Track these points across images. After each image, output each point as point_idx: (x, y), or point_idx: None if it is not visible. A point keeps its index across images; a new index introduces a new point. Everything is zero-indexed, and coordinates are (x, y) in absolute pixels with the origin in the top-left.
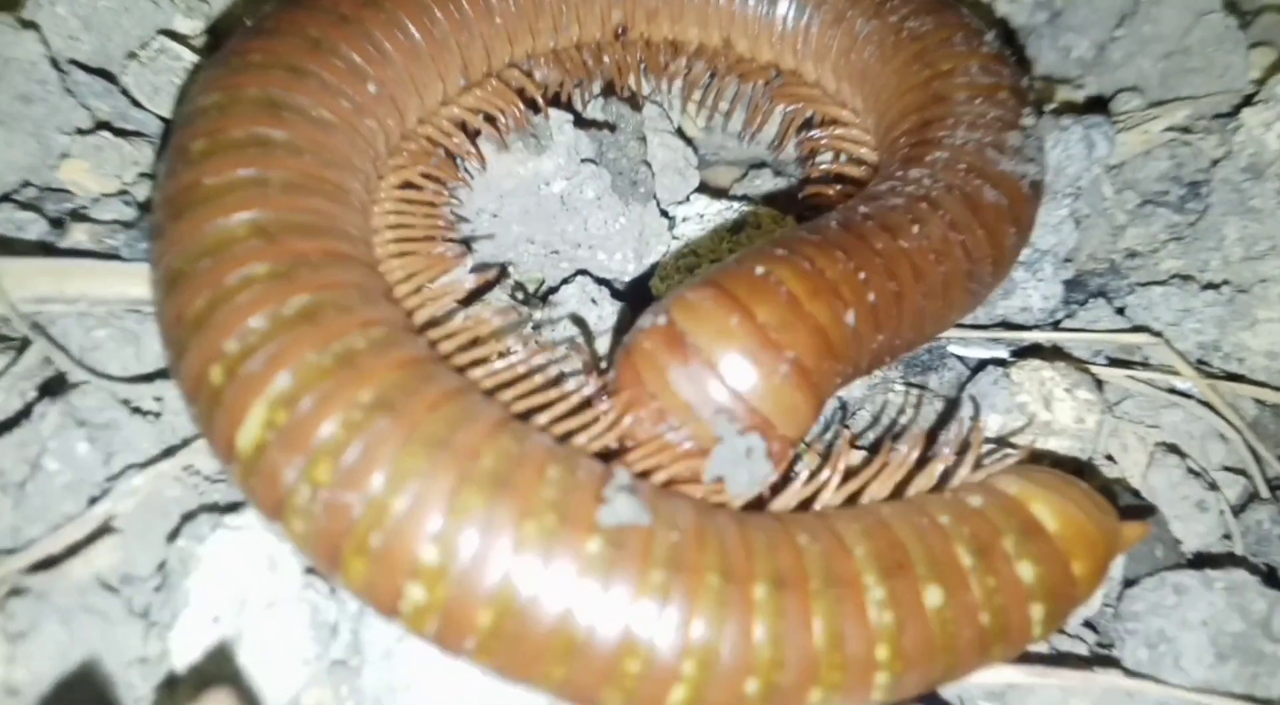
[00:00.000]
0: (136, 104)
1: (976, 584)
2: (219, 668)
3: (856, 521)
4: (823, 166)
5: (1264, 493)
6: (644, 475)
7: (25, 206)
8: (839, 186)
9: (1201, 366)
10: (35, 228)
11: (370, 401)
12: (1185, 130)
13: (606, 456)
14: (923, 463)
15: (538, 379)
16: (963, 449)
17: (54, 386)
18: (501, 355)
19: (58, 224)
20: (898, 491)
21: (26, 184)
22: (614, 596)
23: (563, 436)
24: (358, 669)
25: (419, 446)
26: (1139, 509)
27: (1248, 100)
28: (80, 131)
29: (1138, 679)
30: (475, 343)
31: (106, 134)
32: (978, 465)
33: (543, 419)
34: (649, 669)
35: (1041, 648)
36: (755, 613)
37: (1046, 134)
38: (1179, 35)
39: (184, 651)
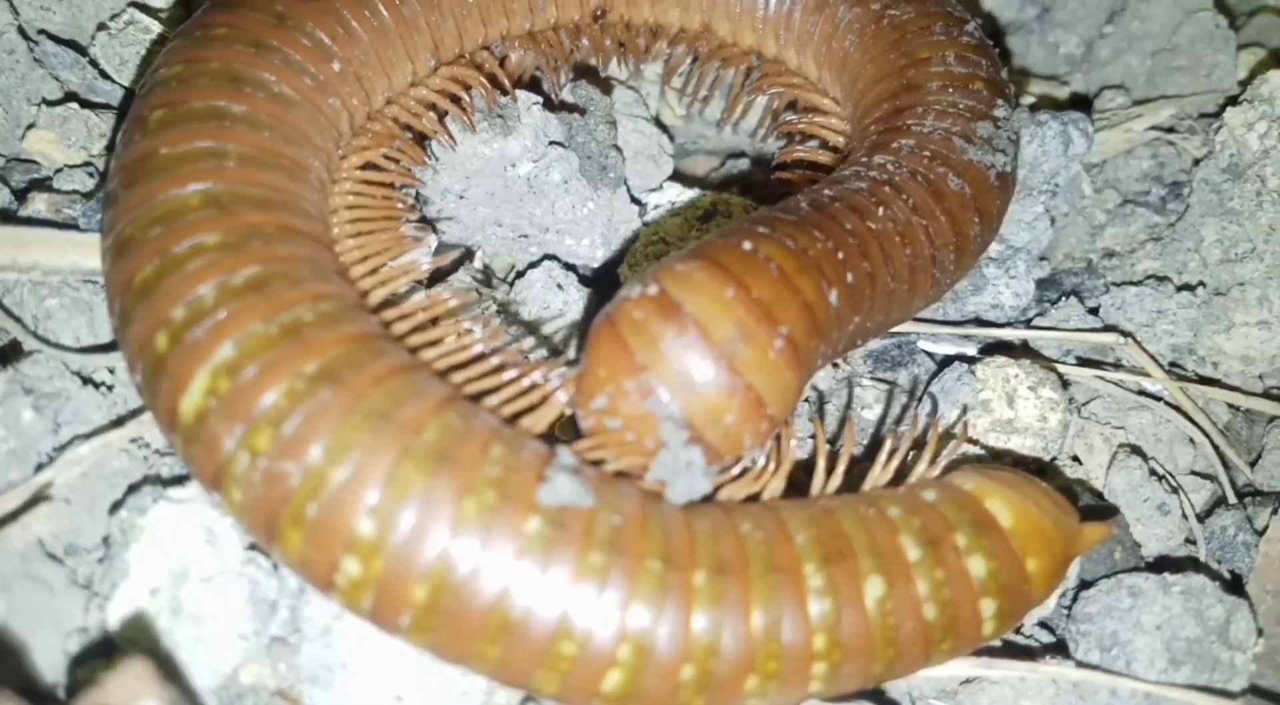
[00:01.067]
0: (105, 76)
1: (923, 577)
2: (155, 640)
3: (802, 510)
4: (797, 153)
5: (1231, 498)
6: (597, 464)
7: None
8: (810, 172)
9: (1175, 369)
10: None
11: (314, 372)
12: (1169, 130)
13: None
14: (878, 457)
15: (492, 361)
16: (920, 445)
17: (6, 354)
18: (456, 336)
19: (20, 195)
20: (853, 486)
21: None
22: (552, 577)
23: (512, 419)
24: (296, 646)
25: (360, 419)
26: (1100, 510)
27: (1233, 101)
28: (47, 102)
29: (1089, 670)
30: (432, 323)
31: (74, 106)
32: (934, 461)
33: (493, 401)
34: (584, 652)
35: (994, 645)
36: (694, 599)
37: (1023, 129)
38: (1168, 33)
39: (121, 623)
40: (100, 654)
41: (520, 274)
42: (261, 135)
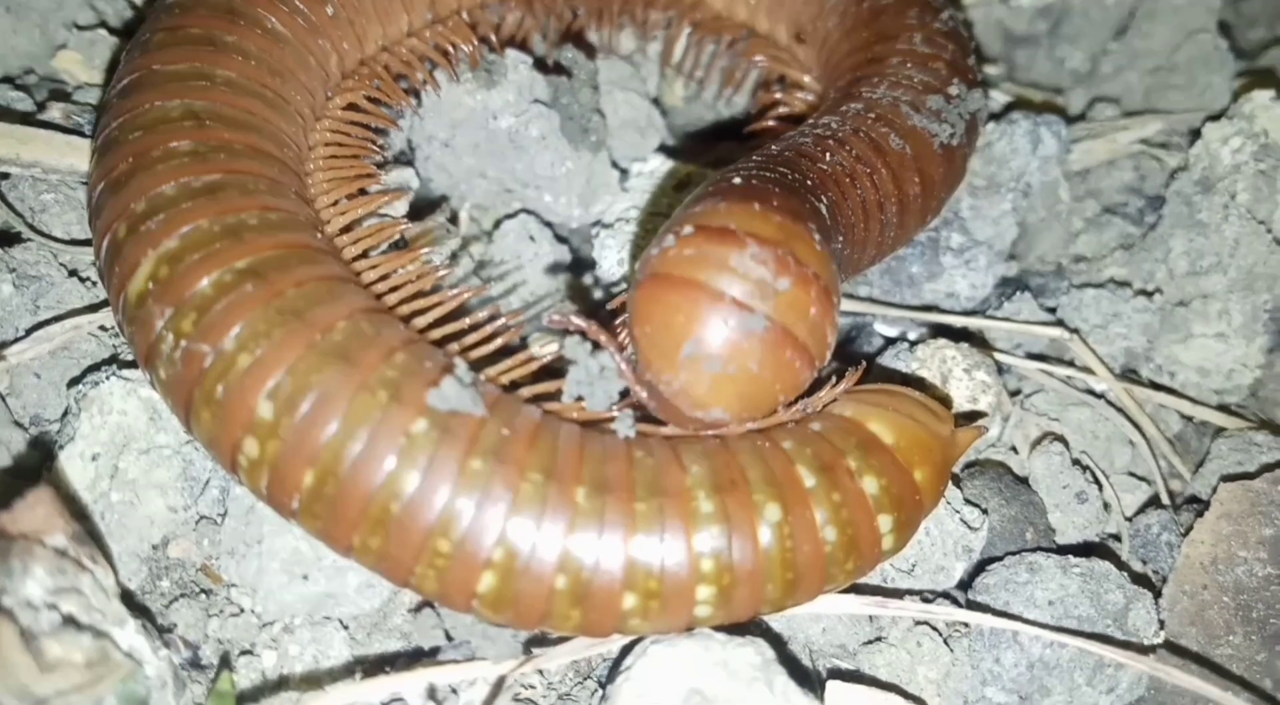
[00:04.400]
0: (134, 7)
1: (821, 501)
2: (94, 501)
3: (699, 444)
4: (767, 121)
5: (1165, 501)
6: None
7: (19, 87)
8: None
9: (1129, 374)
10: (22, 105)
11: (243, 268)
12: (1162, 145)
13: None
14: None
15: (433, 289)
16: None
17: (2, 238)
18: (403, 264)
19: (41, 106)
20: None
21: (29, 71)
22: (432, 476)
23: (443, 341)
24: (221, 524)
25: (274, 313)
26: (972, 415)
27: (1216, 118)
28: (79, 27)
29: (980, 612)
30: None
31: (102, 31)
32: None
33: (420, 321)
34: (460, 552)
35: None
36: (574, 513)
37: (994, 125)
38: (1168, 52)
39: (62, 483)
40: None
41: (497, 224)
42: (249, 64)
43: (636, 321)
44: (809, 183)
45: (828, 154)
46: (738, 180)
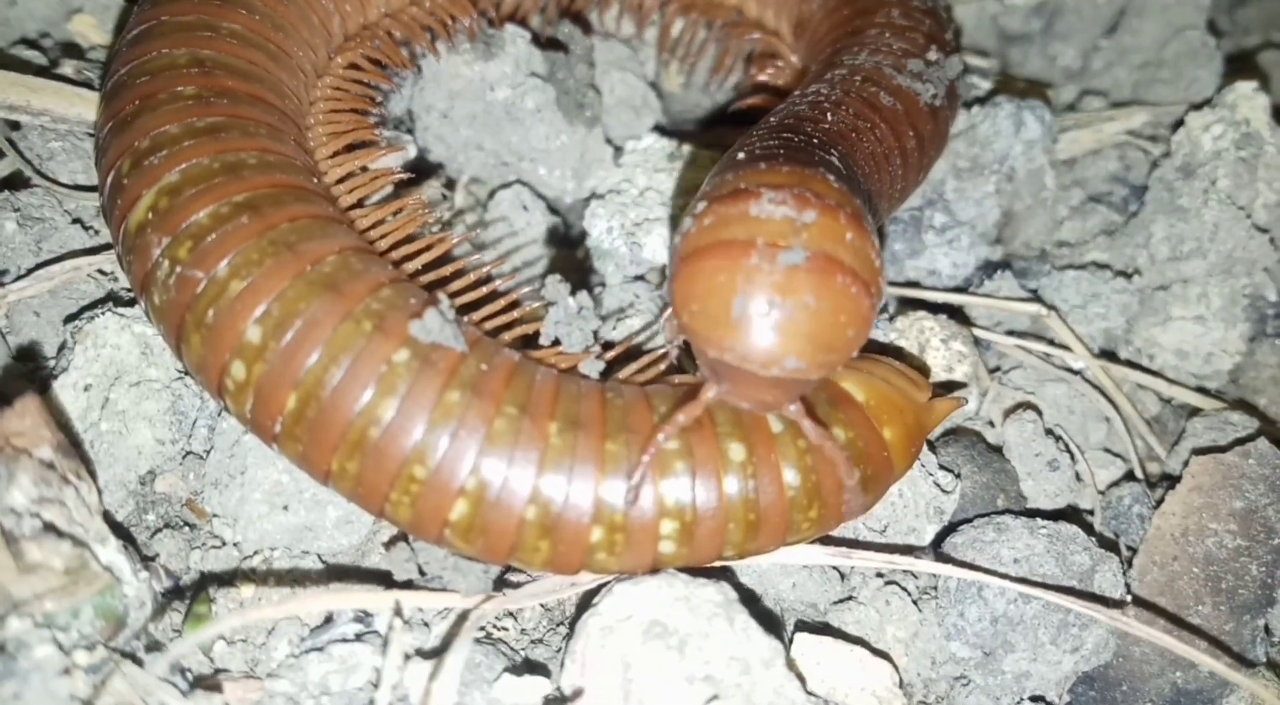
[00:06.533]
0: None
1: (787, 446)
2: (85, 430)
3: (671, 389)
4: (754, 100)
5: (1138, 475)
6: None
7: (34, 47)
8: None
9: (1107, 356)
10: (36, 62)
11: (240, 201)
12: (1145, 136)
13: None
14: None
15: (421, 237)
16: None
17: (9, 182)
18: (395, 211)
19: (55, 63)
20: None
21: (45, 34)
22: (410, 404)
23: (430, 286)
24: (207, 457)
25: (267, 243)
26: (951, 386)
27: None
28: None
29: (946, 564)
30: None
31: None
32: None
33: (411, 266)
34: (434, 478)
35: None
36: (545, 446)
37: (976, 107)
38: (1156, 47)
39: (55, 410)
40: None
41: (491, 195)
42: (254, 18)
43: (682, 307)
44: (815, 141)
45: (828, 114)
46: (742, 155)
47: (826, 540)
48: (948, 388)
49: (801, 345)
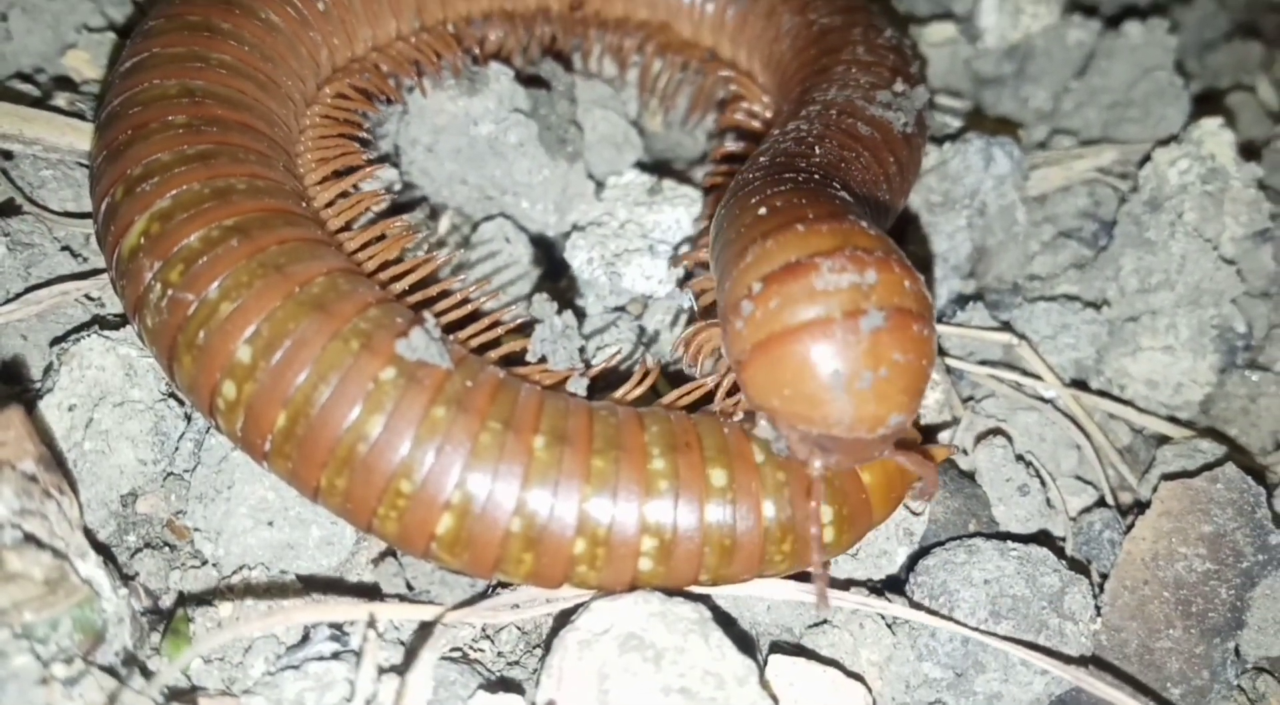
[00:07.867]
0: (143, 12)
1: (767, 477)
2: (69, 449)
3: (662, 411)
4: (728, 147)
5: (1110, 502)
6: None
7: (29, 81)
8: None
9: (1077, 385)
10: (30, 94)
11: (230, 225)
12: (1115, 173)
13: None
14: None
15: (407, 260)
16: None
17: (1, 207)
18: (384, 234)
19: (48, 95)
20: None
21: (40, 69)
22: (397, 420)
23: (417, 307)
24: (189, 479)
25: (257, 265)
26: (931, 433)
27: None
28: (89, 29)
29: (917, 610)
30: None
31: (111, 34)
32: None
33: (398, 287)
34: (420, 493)
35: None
36: (530, 460)
37: (947, 143)
38: (1125, 88)
39: (40, 429)
40: None
41: (474, 228)
42: (243, 49)
43: (770, 393)
44: (816, 177)
45: (814, 147)
46: (763, 211)
47: (804, 575)
48: (926, 432)
49: (903, 400)
